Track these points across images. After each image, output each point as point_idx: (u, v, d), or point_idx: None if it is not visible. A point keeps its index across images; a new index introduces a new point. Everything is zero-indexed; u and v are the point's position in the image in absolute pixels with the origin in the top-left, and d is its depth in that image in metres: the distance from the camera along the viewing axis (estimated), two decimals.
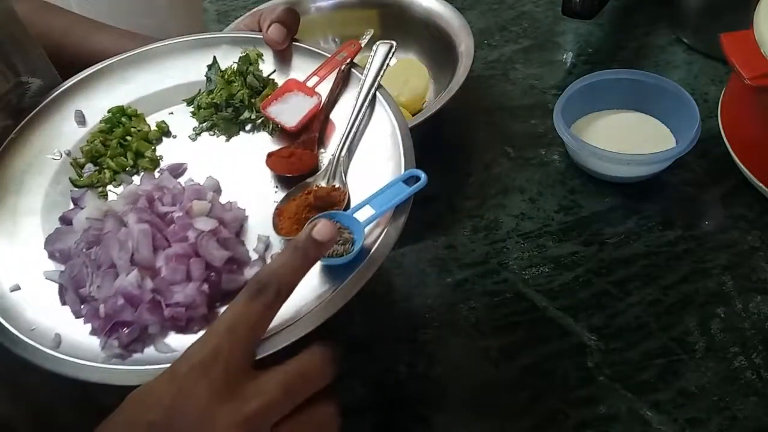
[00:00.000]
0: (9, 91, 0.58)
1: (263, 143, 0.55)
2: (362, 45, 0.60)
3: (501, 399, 0.56)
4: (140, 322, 0.43)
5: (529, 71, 0.84)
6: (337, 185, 0.50)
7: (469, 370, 0.58)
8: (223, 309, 0.44)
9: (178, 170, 0.53)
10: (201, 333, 0.41)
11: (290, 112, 0.55)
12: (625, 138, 0.70)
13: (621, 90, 0.72)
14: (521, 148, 0.75)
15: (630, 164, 0.65)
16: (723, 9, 0.77)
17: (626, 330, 0.58)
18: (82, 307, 0.45)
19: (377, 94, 0.54)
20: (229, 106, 0.56)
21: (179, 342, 0.43)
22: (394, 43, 0.58)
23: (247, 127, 0.56)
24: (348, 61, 0.57)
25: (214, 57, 0.59)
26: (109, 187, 0.54)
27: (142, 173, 0.53)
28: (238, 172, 0.53)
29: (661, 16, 0.88)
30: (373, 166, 0.51)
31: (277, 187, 0.51)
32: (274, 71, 0.58)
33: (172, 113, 0.58)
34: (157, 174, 0.53)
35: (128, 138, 0.55)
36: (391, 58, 0.57)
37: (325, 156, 0.53)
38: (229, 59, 0.59)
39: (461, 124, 0.79)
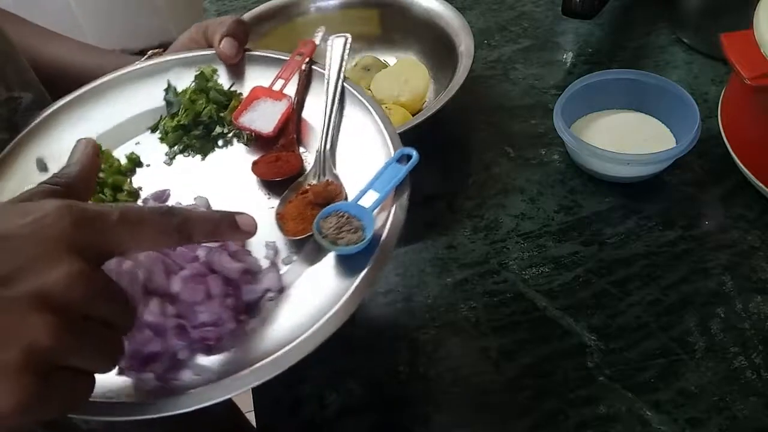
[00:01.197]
0: (1, 105, 0.58)
1: (240, 155, 0.55)
2: (317, 42, 0.60)
3: (501, 399, 0.56)
4: (170, 350, 0.41)
5: (529, 71, 0.84)
6: (330, 180, 0.50)
7: (469, 370, 0.58)
8: (249, 321, 0.44)
9: (162, 197, 0.52)
10: (233, 349, 0.41)
11: (263, 118, 0.54)
12: (625, 138, 0.70)
13: (621, 90, 0.72)
14: (521, 148, 0.75)
15: (630, 164, 0.65)
16: (723, 9, 0.77)
17: (626, 330, 0.58)
18: None
19: (345, 85, 0.54)
20: (198, 125, 0.56)
21: (213, 360, 0.42)
22: (349, 35, 0.59)
23: (220, 143, 0.56)
24: (307, 60, 0.57)
25: (168, 81, 0.58)
26: None
27: None
28: (224, 187, 0.52)
29: (661, 16, 0.88)
30: (360, 154, 0.51)
31: (269, 193, 0.51)
32: (233, 84, 0.58)
33: (138, 143, 0.57)
34: (140, 203, 0.52)
35: (100, 175, 0.53)
36: (348, 49, 0.57)
37: (307, 155, 0.53)
38: (184, 80, 0.58)
39: (461, 124, 0.79)
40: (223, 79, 0.59)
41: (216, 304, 0.43)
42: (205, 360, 0.42)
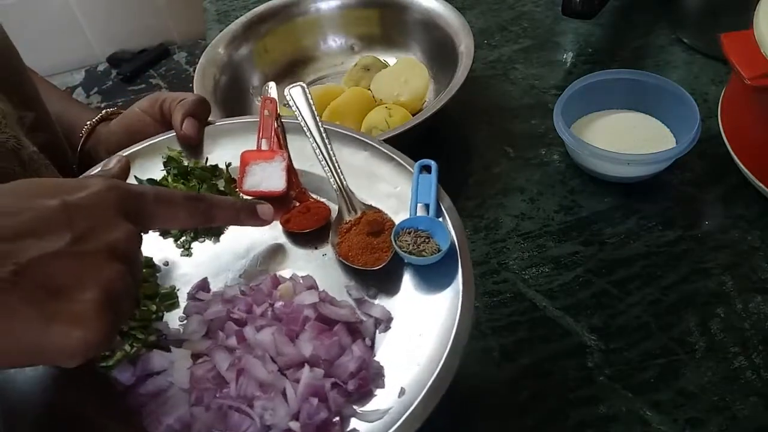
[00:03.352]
0: (18, 120, 0.58)
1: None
2: (275, 97, 0.61)
3: (501, 399, 0.56)
4: (336, 411, 0.40)
5: (529, 71, 0.84)
6: (366, 210, 0.51)
7: (469, 370, 0.58)
8: (377, 357, 0.43)
9: (205, 287, 0.50)
10: (383, 388, 0.41)
11: (268, 179, 0.54)
12: (625, 138, 0.70)
13: (621, 90, 0.72)
14: (521, 148, 0.75)
15: (630, 164, 0.65)
16: (723, 9, 0.77)
17: (626, 330, 0.58)
18: None
19: (325, 127, 0.56)
20: None
21: (374, 403, 0.41)
22: (303, 84, 0.60)
23: None
24: (276, 116, 0.58)
25: (135, 177, 0.56)
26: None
27: (183, 309, 0.48)
28: (261, 257, 0.51)
29: (661, 16, 0.88)
30: (375, 181, 0.52)
31: (307, 245, 0.51)
32: (207, 159, 0.58)
33: None
34: (193, 300, 0.48)
35: None
36: (310, 95, 0.59)
37: (321, 199, 0.54)
38: (153, 170, 0.56)
39: (461, 124, 0.79)
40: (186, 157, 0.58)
41: (359, 348, 0.42)
42: (367, 406, 0.41)
